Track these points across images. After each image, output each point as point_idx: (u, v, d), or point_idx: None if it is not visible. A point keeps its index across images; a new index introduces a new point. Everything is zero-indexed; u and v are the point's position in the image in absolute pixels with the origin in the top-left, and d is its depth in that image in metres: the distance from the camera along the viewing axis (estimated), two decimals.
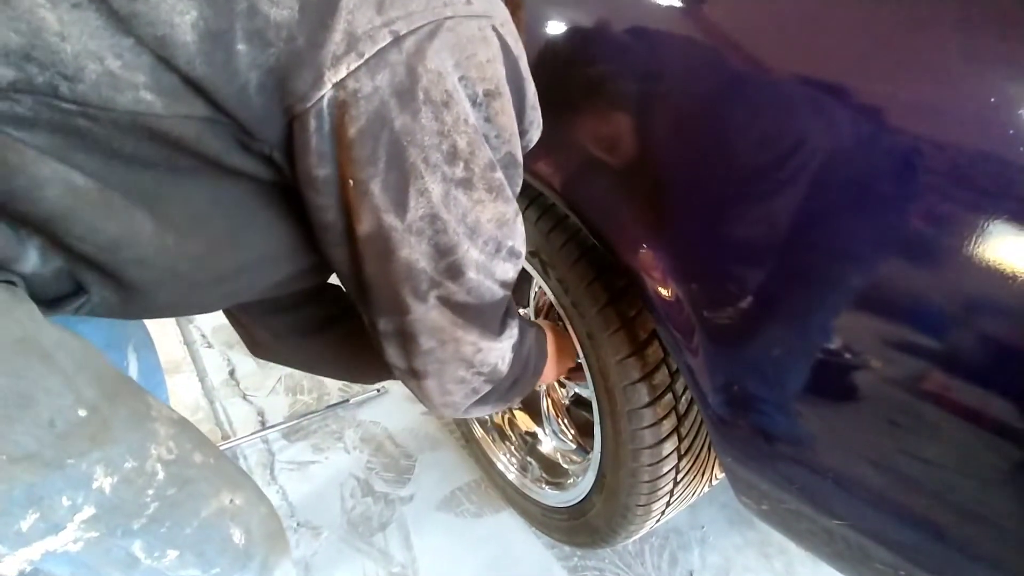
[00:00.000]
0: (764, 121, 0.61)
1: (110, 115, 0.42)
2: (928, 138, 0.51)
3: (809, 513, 0.72)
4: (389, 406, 1.64)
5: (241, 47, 0.42)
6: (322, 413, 1.60)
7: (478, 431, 1.37)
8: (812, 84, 0.58)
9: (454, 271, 0.54)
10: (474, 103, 0.50)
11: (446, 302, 0.55)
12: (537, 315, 1.20)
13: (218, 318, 2.02)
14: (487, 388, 0.64)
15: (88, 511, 0.46)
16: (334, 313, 0.84)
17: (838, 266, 0.59)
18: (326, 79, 0.44)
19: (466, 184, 0.51)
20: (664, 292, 0.73)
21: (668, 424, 0.87)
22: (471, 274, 0.55)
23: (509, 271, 0.60)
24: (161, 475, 0.50)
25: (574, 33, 0.78)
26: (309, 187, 0.49)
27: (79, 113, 0.41)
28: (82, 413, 0.46)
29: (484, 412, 0.73)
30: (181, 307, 0.60)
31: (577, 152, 0.78)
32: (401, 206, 0.49)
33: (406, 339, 0.58)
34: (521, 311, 1.24)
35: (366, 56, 0.44)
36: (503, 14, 0.52)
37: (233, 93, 0.43)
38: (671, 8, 0.68)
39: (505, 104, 0.52)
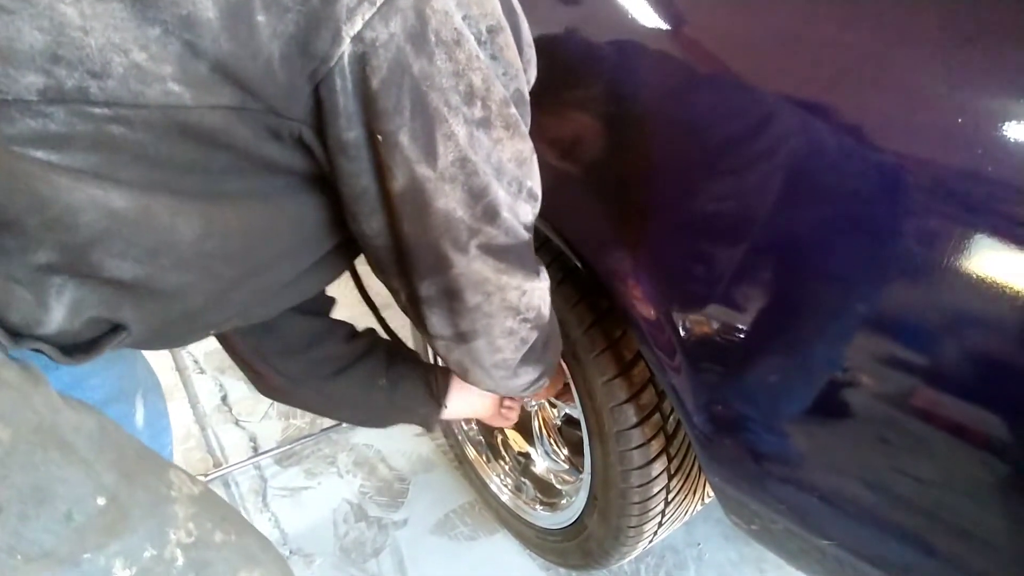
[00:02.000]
0: (744, 140, 0.62)
1: (141, 113, 0.41)
2: (909, 155, 0.52)
3: (799, 533, 0.71)
4: (391, 436, 1.63)
5: (261, 18, 0.42)
6: (315, 437, 1.59)
7: (471, 452, 1.36)
8: (794, 103, 0.59)
9: (490, 213, 0.54)
10: (479, 41, 0.50)
11: (487, 249, 0.56)
12: None
13: (210, 343, 2.01)
14: (534, 336, 0.65)
15: None
16: (348, 357, 0.85)
17: (821, 283, 0.59)
18: (344, 34, 0.43)
19: (485, 124, 0.51)
20: (646, 312, 0.73)
21: (656, 444, 0.86)
22: (505, 214, 0.55)
23: (529, 213, 0.60)
24: (180, 561, 0.49)
25: (552, 53, 0.79)
26: (341, 154, 0.48)
27: (112, 118, 0.41)
28: (101, 502, 0.44)
29: (525, 379, 0.72)
30: (211, 316, 0.59)
31: (559, 174, 0.79)
32: (431, 154, 0.49)
33: (452, 298, 0.57)
34: None
35: (378, 3, 0.43)
36: None
37: (259, 69, 0.43)
38: (651, 27, 0.69)
39: (508, 39, 0.52)
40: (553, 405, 1.22)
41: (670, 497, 0.92)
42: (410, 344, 1.13)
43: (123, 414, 0.71)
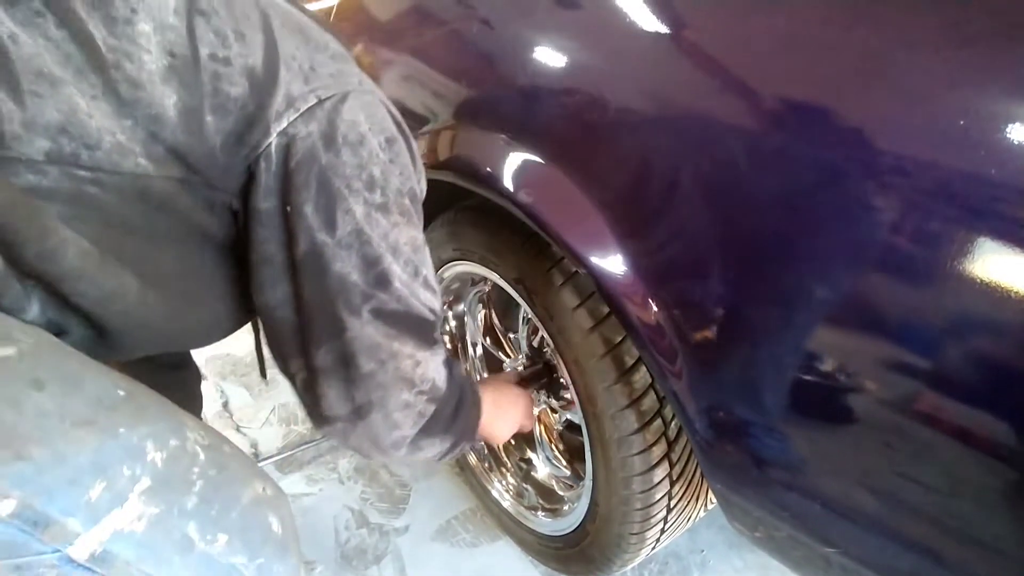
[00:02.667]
0: (745, 144, 0.61)
1: (115, 179, 0.54)
2: (911, 157, 0.51)
3: (803, 540, 0.71)
4: None
5: (208, 118, 0.56)
6: (316, 444, 1.59)
7: (472, 458, 1.35)
8: (795, 106, 0.59)
9: (383, 280, 0.62)
10: (380, 147, 0.63)
11: (378, 314, 0.62)
12: (529, 345, 1.19)
13: (211, 350, 2.01)
14: (432, 409, 0.68)
15: (145, 482, 0.51)
16: None
17: (822, 286, 0.59)
18: (272, 129, 0.58)
19: (384, 208, 0.62)
20: (646, 317, 0.72)
21: (658, 450, 0.85)
22: (397, 284, 0.63)
23: (431, 300, 0.67)
24: (202, 456, 0.56)
25: (550, 56, 0.79)
26: (256, 221, 0.60)
27: (91, 180, 0.53)
28: (121, 393, 0.54)
29: (432, 451, 0.74)
30: (142, 349, 0.69)
31: (557, 179, 0.78)
32: (331, 224, 0.59)
33: (347, 365, 0.62)
34: (510, 335, 1.24)
35: (301, 110, 0.58)
36: (383, 94, 0.67)
37: (204, 154, 0.57)
38: (649, 30, 0.69)
39: (402, 147, 0.65)
40: (554, 411, 1.21)
41: (672, 503, 0.91)
42: None
43: None
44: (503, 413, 0.96)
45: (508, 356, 1.27)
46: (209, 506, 0.55)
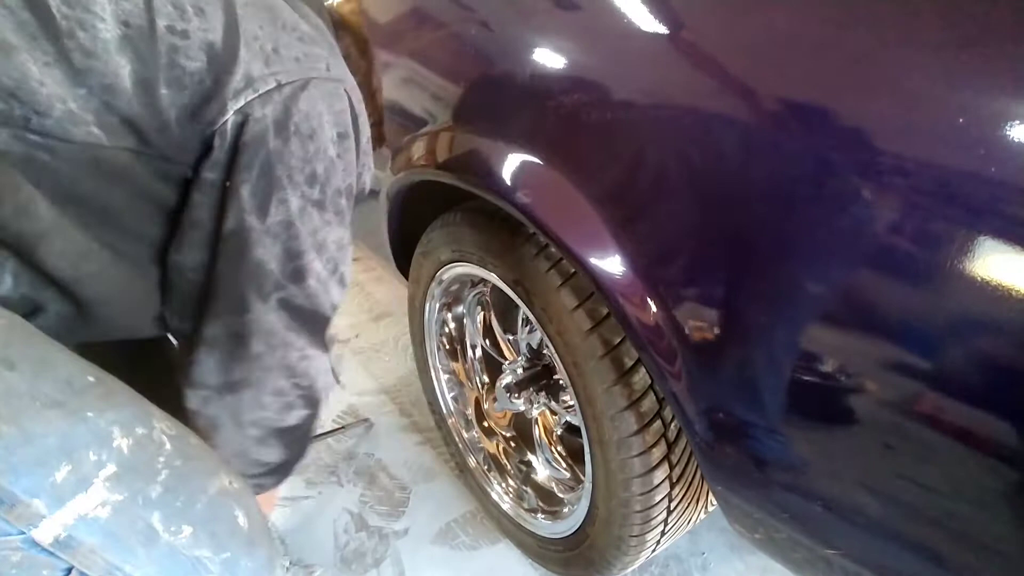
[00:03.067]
0: (744, 144, 0.61)
1: (66, 147, 0.54)
2: (911, 157, 0.51)
3: (804, 542, 0.70)
4: (383, 438, 1.62)
5: (164, 91, 0.56)
6: (315, 447, 1.58)
7: (472, 461, 1.35)
8: (793, 106, 0.59)
9: (299, 275, 0.63)
10: (332, 141, 0.63)
11: (285, 305, 0.63)
12: (531, 350, 1.19)
13: None
14: (300, 405, 0.69)
15: (111, 468, 0.52)
16: None
17: (821, 287, 0.58)
18: (229, 107, 0.58)
19: (319, 205, 0.63)
20: (645, 318, 0.72)
21: (658, 452, 0.85)
22: (311, 281, 0.64)
23: (338, 296, 0.69)
24: (168, 445, 0.57)
25: (550, 57, 0.79)
26: (197, 188, 0.60)
27: (42, 145, 0.53)
28: (91, 379, 0.55)
29: (272, 456, 0.74)
30: (120, 327, 0.69)
31: (556, 180, 0.78)
32: (263, 210, 0.60)
33: (237, 343, 0.63)
34: (509, 337, 1.24)
35: (259, 92, 0.59)
36: (351, 81, 0.67)
37: (158, 126, 0.57)
38: (648, 31, 0.69)
39: (351, 144, 0.66)
40: (554, 412, 1.21)
41: (672, 506, 0.91)
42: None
43: None
44: None
45: (507, 358, 1.26)
46: (174, 496, 0.55)
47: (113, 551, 0.52)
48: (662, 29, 0.68)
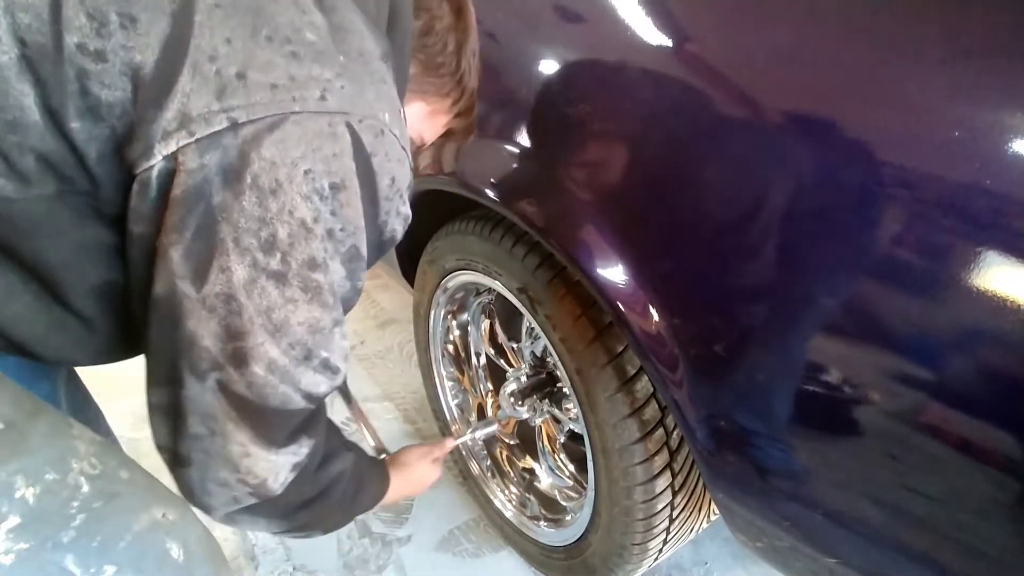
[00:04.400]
0: (745, 155, 0.62)
1: None
2: (914, 169, 0.52)
3: (806, 551, 0.70)
4: (387, 444, 1.62)
5: (75, 124, 0.45)
6: None
7: (475, 468, 1.36)
8: (794, 119, 0.59)
9: (239, 359, 0.51)
10: (320, 196, 0.50)
11: (224, 389, 0.52)
12: (536, 356, 1.19)
13: None
14: (252, 501, 0.58)
15: (13, 520, 0.47)
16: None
17: (823, 297, 0.59)
18: (156, 151, 0.46)
19: (279, 277, 0.50)
20: (648, 326, 0.72)
21: (660, 460, 0.85)
22: (257, 368, 0.52)
23: (320, 385, 0.56)
24: (86, 488, 0.51)
25: (553, 68, 0.80)
26: (128, 242, 0.50)
27: None
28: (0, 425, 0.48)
29: (259, 528, 0.65)
30: (64, 359, 0.61)
31: (559, 189, 0.79)
32: (199, 277, 0.48)
33: (176, 417, 0.54)
34: (513, 345, 1.24)
35: (197, 136, 0.45)
36: (366, 109, 0.52)
37: (75, 164, 0.47)
38: (651, 44, 0.70)
39: (351, 197, 0.52)
40: (557, 420, 1.21)
41: (675, 514, 0.91)
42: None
43: (47, 393, 0.72)
44: (405, 492, 0.93)
45: (511, 366, 1.27)
46: (89, 539, 0.51)
47: None
48: (666, 42, 0.69)
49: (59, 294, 0.52)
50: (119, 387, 0.79)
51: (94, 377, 0.82)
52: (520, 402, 1.18)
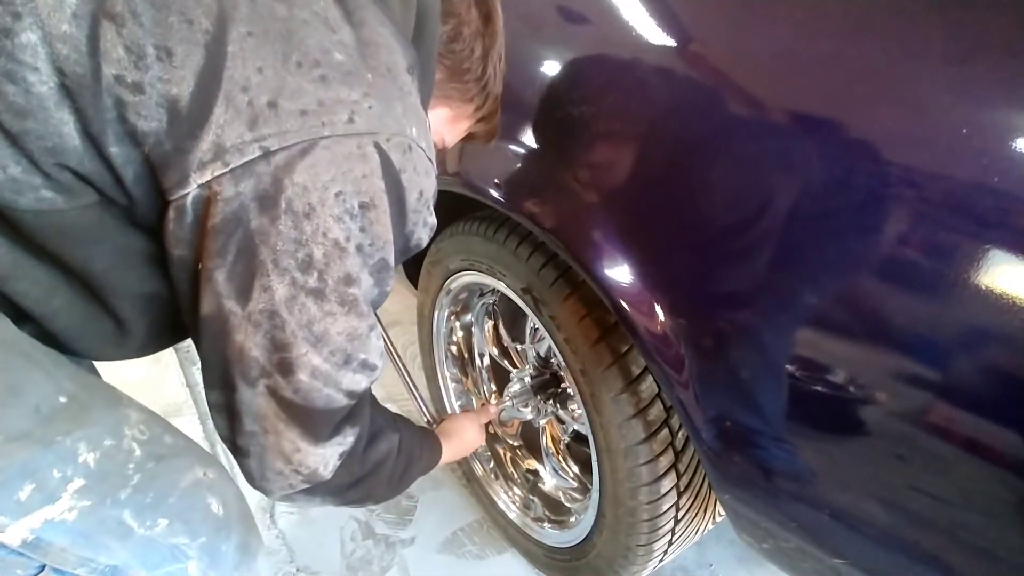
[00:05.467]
0: (750, 155, 0.62)
1: (16, 214, 0.48)
2: (915, 167, 0.52)
3: (812, 552, 0.70)
4: None
5: (114, 149, 0.47)
6: None
7: (479, 469, 1.35)
8: (799, 118, 0.59)
9: (285, 368, 0.54)
10: (350, 215, 0.52)
11: (273, 393, 0.55)
12: (541, 357, 1.19)
13: None
14: (304, 487, 0.62)
15: (79, 482, 0.52)
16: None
17: (830, 297, 0.59)
18: (191, 180, 0.48)
19: (317, 294, 0.53)
20: (653, 327, 0.72)
21: (665, 460, 0.85)
22: (302, 376, 0.55)
23: (361, 382, 0.60)
24: (138, 452, 0.57)
25: (558, 69, 0.80)
26: (171, 264, 0.53)
27: None
28: (63, 400, 0.53)
29: (315, 505, 0.71)
30: (96, 354, 0.64)
31: (565, 190, 0.79)
32: (243, 295, 0.51)
33: (232, 416, 0.57)
34: (517, 346, 1.24)
35: (232, 166, 0.47)
36: (394, 127, 0.53)
37: (113, 184, 0.49)
38: (655, 44, 0.70)
39: (380, 215, 0.54)
40: (561, 421, 1.21)
41: (680, 515, 0.91)
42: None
43: None
44: (456, 455, 1.00)
45: (515, 366, 1.27)
46: (143, 495, 0.57)
47: (84, 548, 0.54)
48: (671, 42, 0.69)
49: (100, 296, 0.56)
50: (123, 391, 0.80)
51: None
52: (524, 403, 1.18)
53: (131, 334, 0.60)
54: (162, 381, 0.89)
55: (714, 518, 0.99)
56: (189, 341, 0.65)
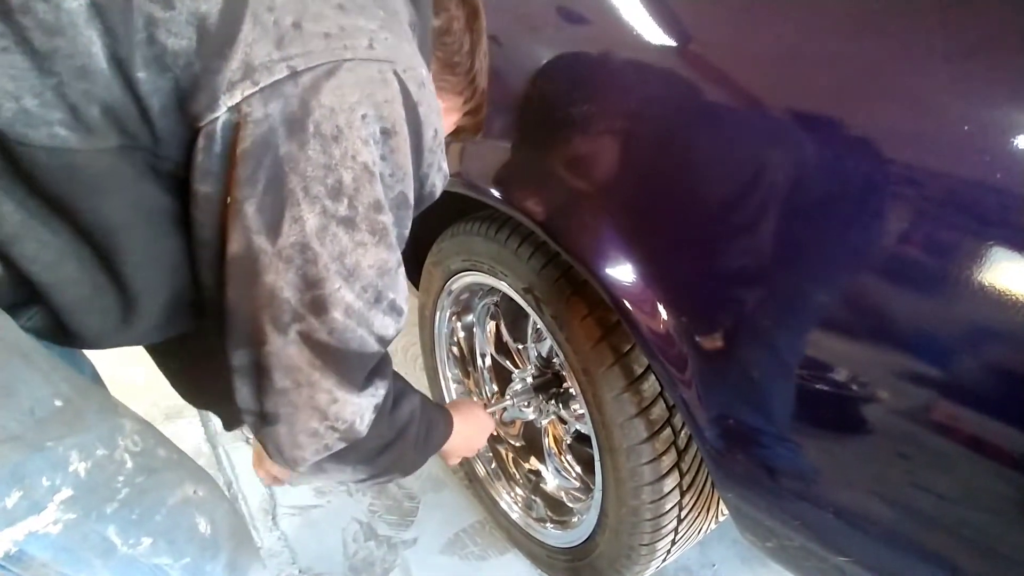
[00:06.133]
0: (751, 154, 0.62)
1: (26, 150, 0.46)
2: (922, 165, 0.52)
3: (816, 550, 0.70)
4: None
5: (141, 74, 0.46)
6: None
7: (481, 470, 1.35)
8: (800, 116, 0.59)
9: (319, 306, 0.53)
10: (372, 140, 0.51)
11: (307, 339, 0.54)
12: (543, 359, 1.19)
13: None
14: (341, 446, 0.60)
15: (66, 492, 0.50)
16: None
17: (833, 295, 0.59)
18: (221, 103, 0.47)
19: (348, 223, 0.52)
20: (655, 325, 0.72)
21: (668, 460, 0.85)
22: (336, 314, 0.54)
23: (389, 327, 0.58)
24: (129, 464, 0.55)
25: (560, 70, 0.80)
26: (192, 203, 0.51)
27: (4, 145, 0.45)
28: (58, 403, 0.51)
29: (345, 476, 0.67)
30: (117, 339, 0.62)
31: (566, 189, 0.79)
32: (273, 230, 0.50)
33: (261, 375, 0.55)
34: (519, 346, 1.24)
35: (261, 85, 0.47)
36: (408, 61, 0.54)
37: (138, 115, 0.47)
38: (656, 44, 0.70)
39: (401, 143, 0.54)
40: (563, 421, 1.21)
41: (683, 514, 0.91)
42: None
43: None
44: (470, 439, 0.95)
45: (517, 366, 1.27)
46: (130, 511, 0.54)
47: (66, 563, 0.52)
48: (672, 41, 0.69)
49: (112, 263, 0.53)
50: (125, 392, 0.80)
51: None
52: (526, 403, 1.18)
53: (140, 312, 0.57)
54: (163, 383, 0.89)
55: (717, 517, 0.98)
56: None
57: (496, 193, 0.87)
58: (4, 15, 0.43)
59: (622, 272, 0.74)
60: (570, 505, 1.22)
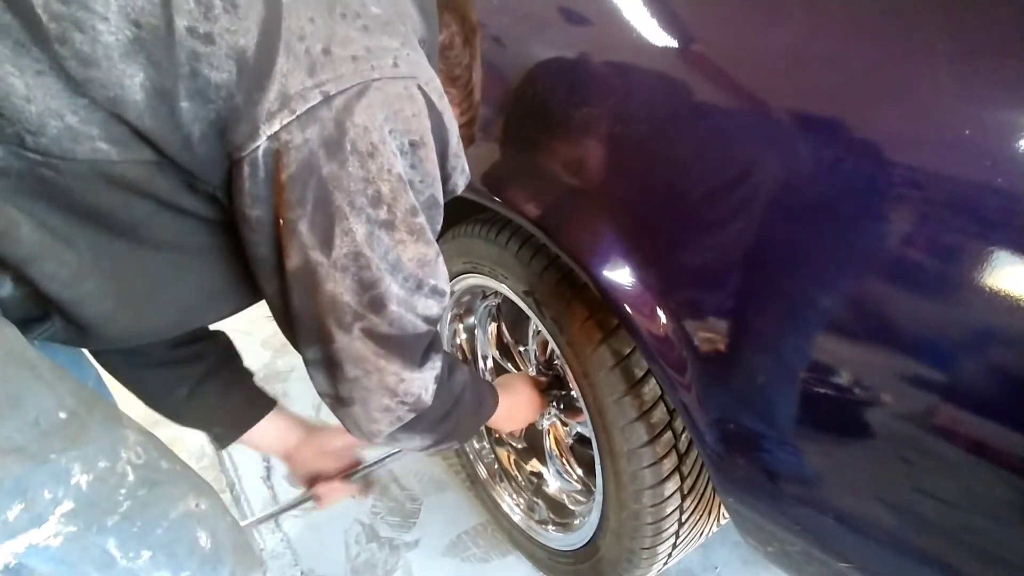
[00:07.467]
0: (751, 156, 0.62)
1: (70, 165, 0.48)
2: (923, 168, 0.51)
3: (817, 555, 0.70)
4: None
5: (184, 104, 0.49)
6: None
7: (483, 472, 1.35)
8: (801, 118, 0.59)
9: (376, 304, 0.59)
10: (402, 152, 0.55)
11: (369, 334, 0.60)
12: (538, 359, 1.19)
13: None
14: (411, 416, 0.68)
15: (67, 505, 0.50)
16: (210, 364, 0.86)
17: (834, 298, 0.58)
18: (261, 132, 0.50)
19: (388, 225, 0.57)
20: (655, 329, 0.72)
21: (669, 463, 0.85)
22: (393, 307, 0.60)
23: (432, 307, 0.64)
24: (131, 476, 0.55)
25: (560, 71, 0.80)
26: (244, 224, 0.55)
27: (43, 163, 0.48)
28: (63, 415, 0.51)
29: (415, 444, 0.75)
30: (130, 339, 0.65)
31: (566, 192, 0.79)
32: (327, 244, 0.55)
33: (332, 367, 0.62)
34: (520, 348, 1.24)
35: (298, 112, 0.50)
36: (427, 75, 0.58)
37: (177, 142, 0.50)
38: (657, 45, 0.69)
39: (429, 152, 0.58)
40: (564, 423, 1.21)
41: (684, 518, 0.90)
42: None
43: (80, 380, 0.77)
44: (514, 412, 1.02)
45: (518, 369, 1.27)
46: (131, 524, 0.55)
47: None
48: (673, 43, 0.68)
49: (148, 262, 0.56)
50: (125, 392, 0.81)
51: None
52: None
53: (162, 316, 0.62)
54: None
55: (718, 521, 0.98)
56: None
57: (496, 196, 0.87)
58: (42, 43, 0.45)
59: (622, 275, 0.74)
60: (572, 508, 1.22)
